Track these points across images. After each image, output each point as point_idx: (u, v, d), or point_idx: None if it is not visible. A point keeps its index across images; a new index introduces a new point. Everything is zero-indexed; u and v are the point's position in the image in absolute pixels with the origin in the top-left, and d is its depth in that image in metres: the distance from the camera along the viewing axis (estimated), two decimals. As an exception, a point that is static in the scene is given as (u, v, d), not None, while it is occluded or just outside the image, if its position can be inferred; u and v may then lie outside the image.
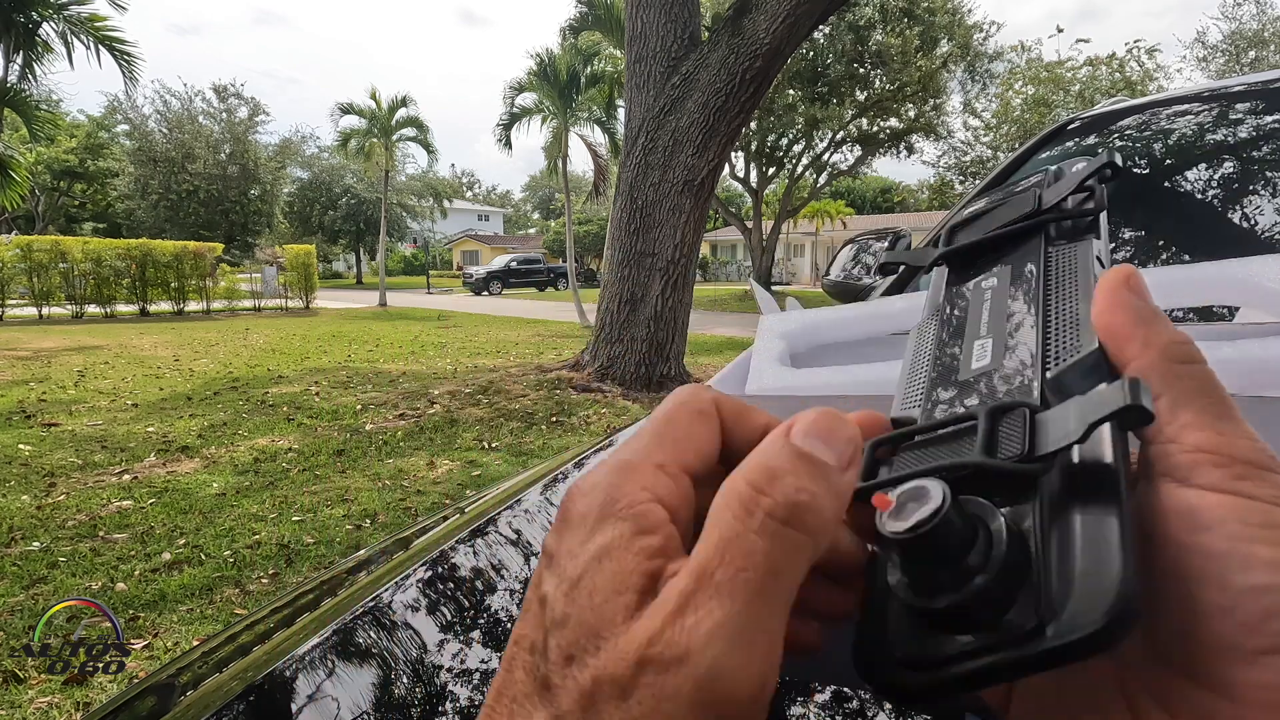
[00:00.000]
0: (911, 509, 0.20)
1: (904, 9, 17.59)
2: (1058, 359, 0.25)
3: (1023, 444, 0.21)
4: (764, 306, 0.81)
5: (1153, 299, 0.24)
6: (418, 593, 0.58)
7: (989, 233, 0.33)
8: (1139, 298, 0.24)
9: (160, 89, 30.37)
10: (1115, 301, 0.24)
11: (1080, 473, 0.20)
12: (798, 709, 0.38)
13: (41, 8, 10.33)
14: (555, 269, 31.60)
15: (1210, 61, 21.26)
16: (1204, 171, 1.07)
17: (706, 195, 6.41)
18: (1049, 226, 0.31)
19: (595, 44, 13.37)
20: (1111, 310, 0.24)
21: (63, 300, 14.79)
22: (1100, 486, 0.20)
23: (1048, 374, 0.24)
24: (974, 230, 0.34)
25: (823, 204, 25.97)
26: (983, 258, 0.33)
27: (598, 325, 6.93)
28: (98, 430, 5.17)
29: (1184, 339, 0.23)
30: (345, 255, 43.00)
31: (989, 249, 0.33)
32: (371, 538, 3.22)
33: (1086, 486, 0.20)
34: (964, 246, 0.34)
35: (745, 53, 5.77)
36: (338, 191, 34.96)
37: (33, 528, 3.30)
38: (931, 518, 0.19)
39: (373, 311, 18.29)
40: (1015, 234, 0.32)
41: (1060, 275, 0.28)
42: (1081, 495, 0.20)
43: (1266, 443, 0.20)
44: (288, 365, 8.52)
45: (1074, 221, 0.31)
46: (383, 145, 20.13)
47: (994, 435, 0.22)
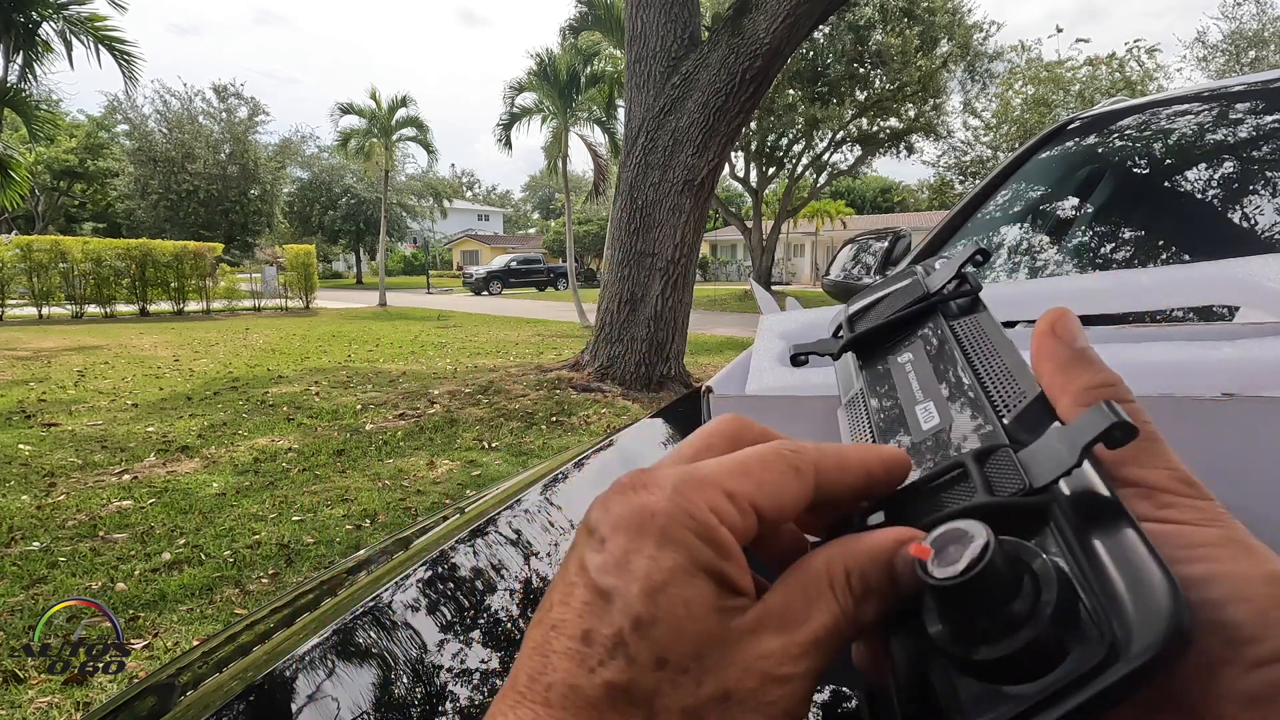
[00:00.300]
0: (955, 552, 0.19)
1: (904, 9, 17.58)
2: (1007, 407, 0.26)
3: (1021, 480, 0.22)
4: (764, 306, 0.81)
5: (1078, 339, 0.26)
6: (418, 593, 0.58)
7: (887, 318, 0.37)
8: (1062, 343, 0.26)
9: (160, 89, 30.35)
10: (1040, 350, 0.26)
11: (1083, 500, 0.21)
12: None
13: (41, 8, 10.32)
14: (555, 269, 31.60)
15: (1210, 61, 21.25)
16: (1204, 171, 1.07)
17: (706, 195, 6.41)
18: (940, 307, 0.35)
19: (595, 44, 13.37)
20: (1038, 359, 0.26)
21: (63, 300, 14.79)
22: (1106, 509, 0.20)
23: (1003, 420, 0.26)
24: (871, 318, 0.38)
25: (823, 204, 25.97)
26: (886, 340, 0.37)
27: (598, 325, 6.93)
28: (98, 430, 5.17)
29: (1098, 382, 0.24)
30: (345, 255, 42.99)
31: (889, 332, 0.37)
32: (371, 538, 3.22)
33: (1093, 511, 0.20)
34: (868, 332, 0.37)
35: (745, 52, 5.77)
36: (338, 191, 34.95)
37: (33, 528, 3.30)
38: (983, 554, 0.19)
39: (373, 311, 18.29)
40: (911, 317, 0.36)
41: (972, 340, 0.31)
42: (1093, 520, 0.20)
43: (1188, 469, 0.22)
44: (288, 365, 8.52)
45: (958, 301, 0.35)
46: (383, 145, 20.12)
47: (987, 478, 0.22)
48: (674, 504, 0.20)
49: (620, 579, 0.19)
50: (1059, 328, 0.26)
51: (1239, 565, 0.19)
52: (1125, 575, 0.18)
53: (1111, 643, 0.17)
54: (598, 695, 0.19)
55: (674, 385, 6.57)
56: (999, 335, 0.31)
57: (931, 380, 0.31)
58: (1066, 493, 0.21)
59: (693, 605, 0.19)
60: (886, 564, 0.22)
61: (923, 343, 0.34)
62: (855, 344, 0.38)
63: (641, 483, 0.21)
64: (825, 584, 0.21)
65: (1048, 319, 0.27)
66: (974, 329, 0.32)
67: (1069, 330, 0.26)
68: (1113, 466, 0.22)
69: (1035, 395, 0.25)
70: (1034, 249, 1.23)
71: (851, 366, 0.38)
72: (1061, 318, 0.26)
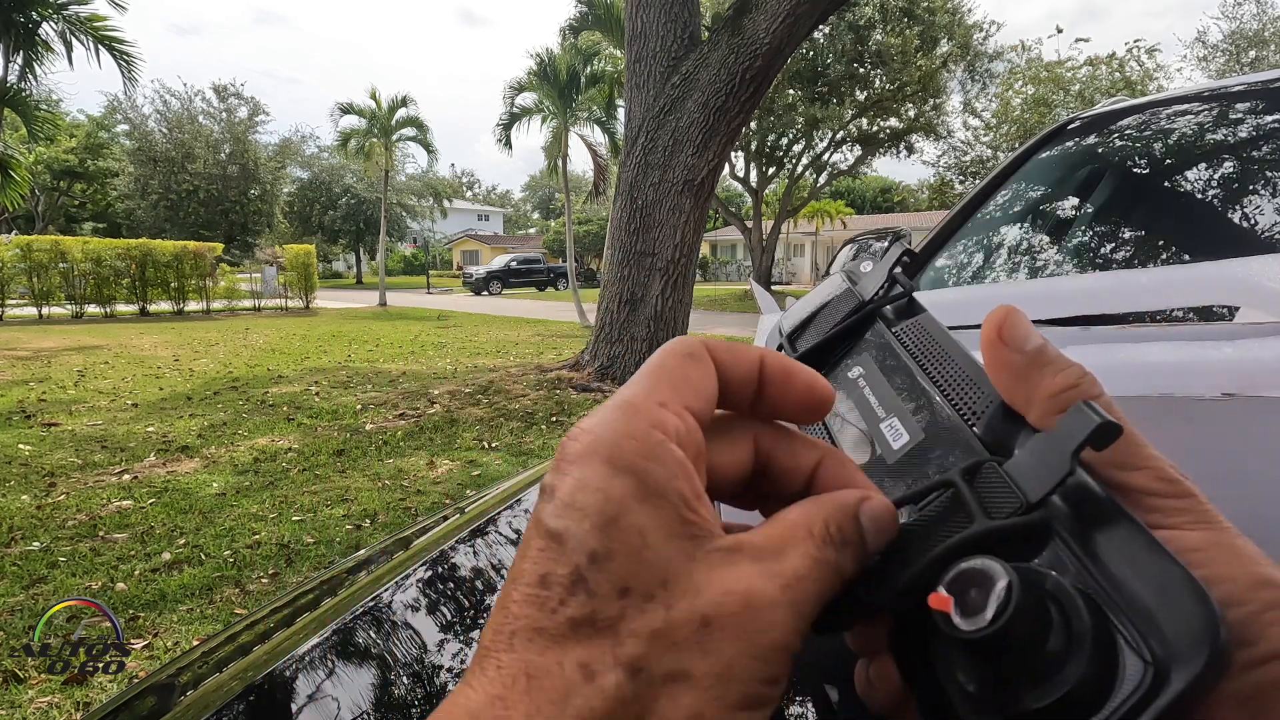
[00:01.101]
0: (976, 597, 0.18)
1: (904, 9, 17.58)
2: (976, 415, 0.25)
3: (1015, 496, 0.20)
4: (764, 306, 0.81)
5: (1029, 339, 0.24)
6: (418, 593, 0.58)
7: (826, 333, 0.35)
8: (1013, 349, 0.24)
9: (160, 89, 30.38)
10: (993, 360, 0.25)
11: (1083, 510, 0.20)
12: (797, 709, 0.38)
13: (41, 8, 10.32)
14: (555, 269, 31.59)
15: (1210, 61, 21.25)
16: (1204, 171, 1.07)
17: (706, 195, 6.41)
18: (878, 314, 0.34)
19: (595, 44, 13.37)
20: (993, 370, 0.25)
21: (63, 300, 14.78)
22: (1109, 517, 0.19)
23: (975, 430, 0.24)
24: (811, 334, 0.37)
25: (823, 204, 25.97)
26: (829, 355, 0.35)
27: (598, 325, 6.93)
28: (98, 430, 5.17)
29: (1064, 385, 0.23)
30: (345, 255, 42.98)
31: (830, 347, 0.35)
32: (371, 538, 3.22)
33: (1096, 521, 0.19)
34: (810, 350, 0.36)
35: (745, 52, 5.76)
36: (338, 191, 34.94)
37: (33, 528, 3.30)
38: (1009, 597, 0.17)
39: (373, 311, 18.29)
40: (849, 328, 0.34)
41: (919, 347, 0.30)
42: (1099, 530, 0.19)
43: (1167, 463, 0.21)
44: (288, 365, 8.52)
45: (894, 305, 0.34)
46: (383, 145, 20.12)
47: (980, 498, 0.21)
48: (613, 431, 0.20)
49: (570, 519, 0.19)
50: (1006, 333, 0.25)
51: (1228, 569, 0.19)
52: (1149, 587, 0.17)
53: (1156, 665, 0.16)
54: (561, 632, 0.18)
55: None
56: (946, 338, 0.29)
57: (889, 394, 0.30)
58: (1063, 505, 0.20)
59: (649, 532, 0.19)
60: (855, 517, 0.22)
61: (870, 354, 0.33)
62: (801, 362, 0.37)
63: (580, 429, 0.21)
64: (804, 531, 0.21)
65: (993, 324, 0.25)
66: (919, 334, 0.31)
67: (1017, 333, 0.25)
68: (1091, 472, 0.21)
69: (997, 403, 0.24)
70: (1034, 249, 1.23)
71: None
72: (1006, 320, 0.25)
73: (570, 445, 0.21)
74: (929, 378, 0.28)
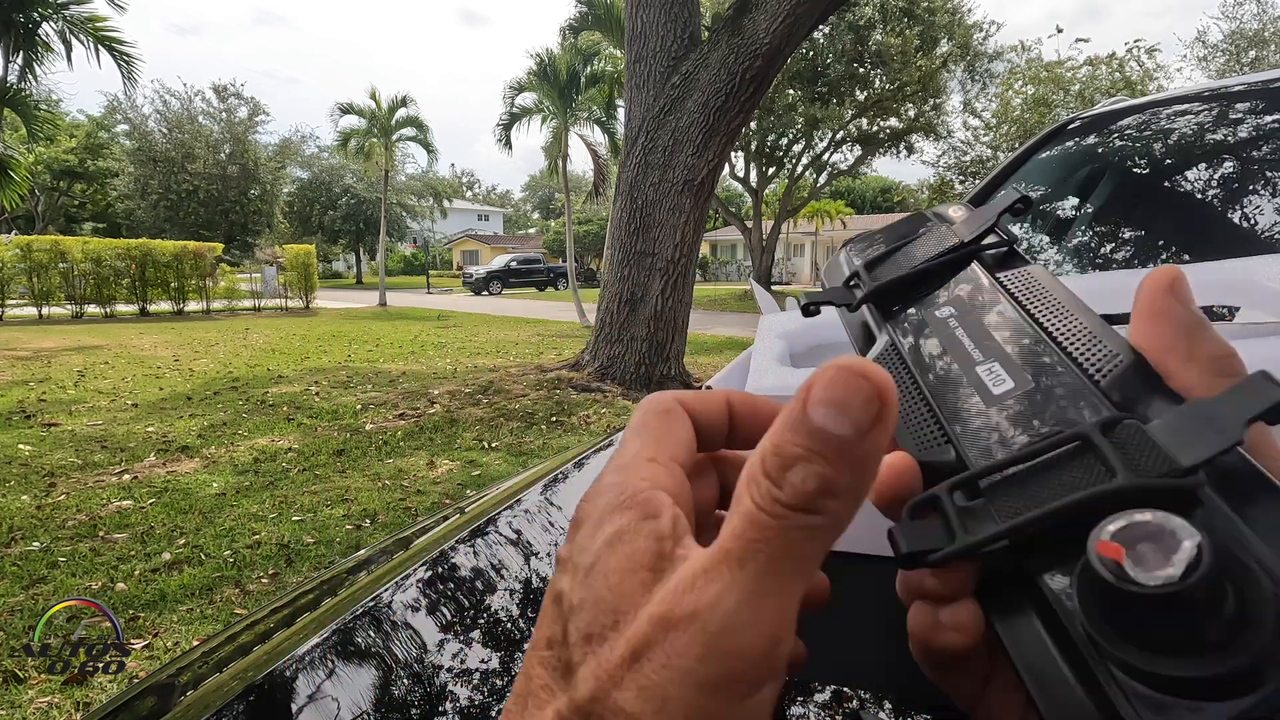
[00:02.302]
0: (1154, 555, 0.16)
1: (904, 9, 17.58)
2: (1100, 370, 0.23)
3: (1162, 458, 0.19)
4: (764, 306, 0.81)
5: (1194, 299, 0.23)
6: (418, 593, 0.58)
7: (917, 266, 0.32)
8: (1182, 306, 0.23)
9: (160, 89, 30.42)
10: (1158, 309, 0.23)
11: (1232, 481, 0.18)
12: (798, 709, 0.38)
13: (41, 8, 10.33)
14: (555, 269, 31.59)
15: (1210, 61, 21.25)
16: (1204, 171, 1.07)
17: (706, 195, 6.41)
18: (979, 257, 0.32)
19: (595, 44, 13.37)
20: (1153, 318, 0.23)
21: (62, 300, 14.78)
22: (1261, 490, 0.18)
23: (1100, 384, 0.23)
24: (891, 267, 0.34)
25: (822, 204, 25.98)
26: (909, 292, 0.32)
27: (598, 325, 6.93)
28: (98, 430, 5.17)
29: (1229, 352, 0.22)
30: (345, 255, 42.98)
31: (913, 283, 0.32)
32: (371, 538, 3.22)
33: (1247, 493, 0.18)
34: (893, 281, 0.33)
35: (745, 52, 5.77)
36: (338, 191, 34.94)
37: (33, 528, 3.30)
38: (1199, 556, 0.16)
39: (373, 311, 18.29)
40: (940, 268, 0.32)
41: (1030, 296, 0.28)
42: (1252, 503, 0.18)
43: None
44: (288, 365, 8.52)
45: (994, 252, 0.32)
46: (383, 145, 20.12)
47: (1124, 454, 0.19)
48: (611, 495, 0.21)
49: (565, 577, 0.20)
50: (1178, 288, 0.23)
51: None
52: None
53: None
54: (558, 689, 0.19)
55: (674, 385, 6.57)
56: (1063, 290, 0.27)
57: (988, 338, 0.27)
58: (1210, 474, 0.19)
59: (613, 573, 0.19)
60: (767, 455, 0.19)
61: (964, 295, 0.30)
62: (878, 294, 0.33)
63: (584, 497, 0.22)
64: (742, 489, 0.19)
65: (1164, 277, 0.23)
66: (1027, 282, 0.29)
67: (1188, 293, 0.23)
68: None
69: (1132, 359, 0.23)
70: (1034, 249, 1.23)
71: (871, 320, 0.33)
72: (1180, 278, 0.23)
73: (579, 515, 0.22)
74: (1042, 329, 0.26)
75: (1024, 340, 0.26)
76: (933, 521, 0.22)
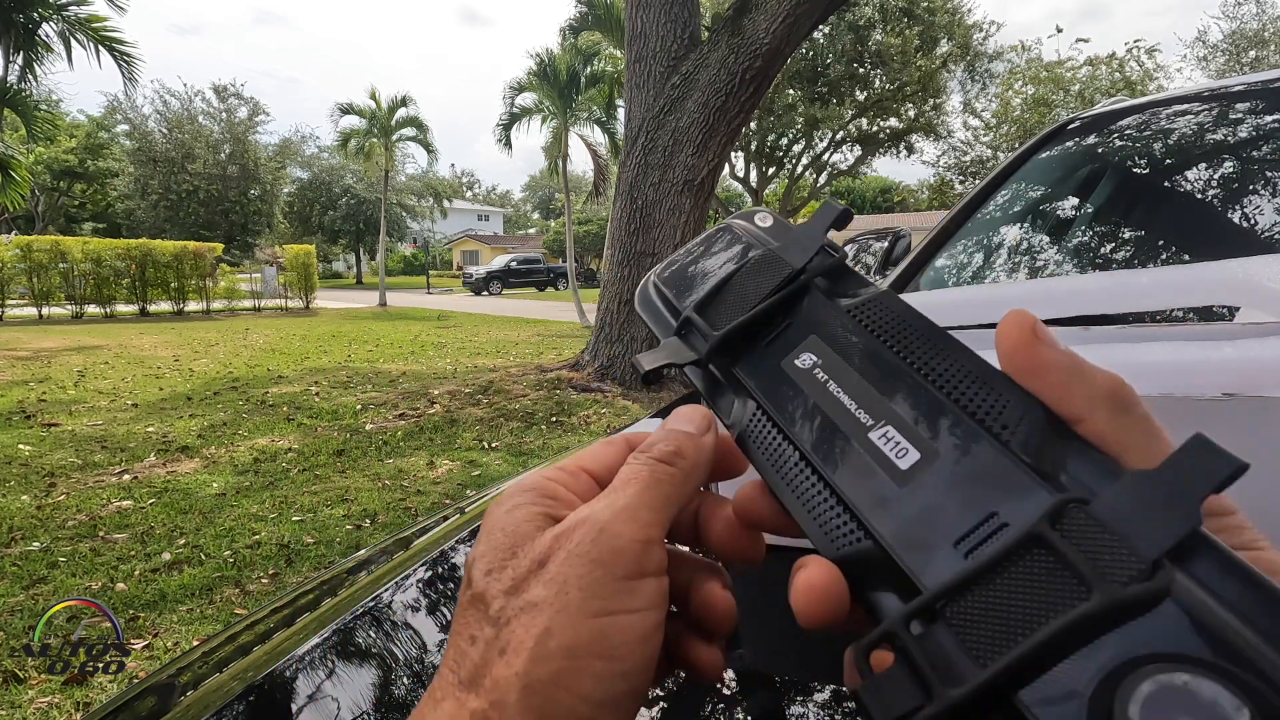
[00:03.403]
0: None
1: (904, 9, 17.58)
2: (1003, 426, 0.21)
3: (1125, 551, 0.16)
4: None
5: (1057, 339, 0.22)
6: (418, 593, 0.58)
7: (754, 307, 0.28)
8: (1052, 348, 0.22)
9: (160, 89, 30.44)
10: (1031, 360, 0.22)
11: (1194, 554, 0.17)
12: (798, 708, 0.38)
13: (41, 8, 10.32)
14: (555, 269, 31.59)
15: (1211, 61, 21.25)
16: (1204, 171, 1.07)
17: (706, 195, 6.41)
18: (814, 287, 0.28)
19: (595, 44, 13.37)
20: (1032, 371, 0.22)
21: (62, 300, 14.78)
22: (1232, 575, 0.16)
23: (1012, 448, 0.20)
24: (726, 309, 0.29)
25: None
26: (755, 334, 0.28)
27: (598, 325, 6.93)
28: (98, 430, 5.17)
29: (1117, 382, 0.21)
30: (345, 255, 42.98)
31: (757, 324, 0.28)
32: (371, 538, 3.22)
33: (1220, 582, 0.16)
34: (736, 328, 0.28)
35: (745, 52, 5.77)
36: (338, 191, 34.94)
37: (33, 528, 3.30)
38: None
39: (372, 311, 18.28)
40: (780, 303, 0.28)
41: (893, 334, 0.25)
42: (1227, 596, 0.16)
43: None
44: (288, 365, 8.52)
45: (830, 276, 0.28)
46: (383, 145, 20.11)
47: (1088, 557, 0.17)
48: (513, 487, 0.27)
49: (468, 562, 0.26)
50: (1042, 331, 0.22)
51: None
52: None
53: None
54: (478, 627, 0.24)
55: (674, 385, 6.57)
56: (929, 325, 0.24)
57: (869, 395, 0.24)
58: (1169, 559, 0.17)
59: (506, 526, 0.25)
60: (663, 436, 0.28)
61: (819, 337, 0.26)
62: (723, 346, 0.29)
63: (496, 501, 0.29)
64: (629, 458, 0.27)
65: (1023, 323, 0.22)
66: (888, 317, 0.25)
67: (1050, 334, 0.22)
68: None
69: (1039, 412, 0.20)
70: (1034, 249, 1.23)
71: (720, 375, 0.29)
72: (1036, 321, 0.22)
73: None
74: (923, 376, 0.23)
75: (912, 395, 0.23)
76: (897, 669, 0.19)
